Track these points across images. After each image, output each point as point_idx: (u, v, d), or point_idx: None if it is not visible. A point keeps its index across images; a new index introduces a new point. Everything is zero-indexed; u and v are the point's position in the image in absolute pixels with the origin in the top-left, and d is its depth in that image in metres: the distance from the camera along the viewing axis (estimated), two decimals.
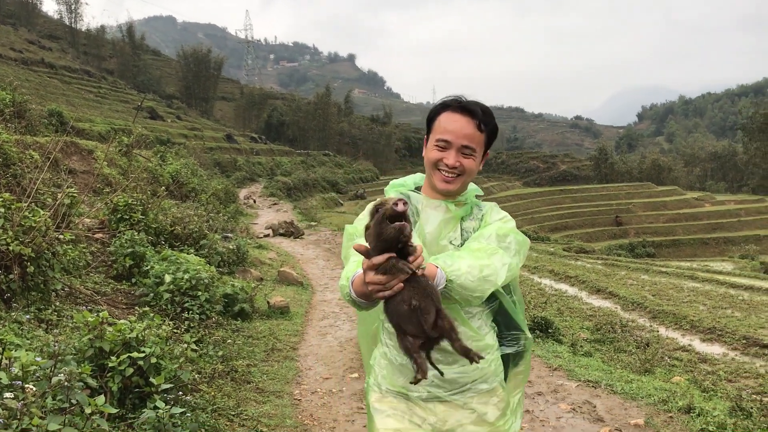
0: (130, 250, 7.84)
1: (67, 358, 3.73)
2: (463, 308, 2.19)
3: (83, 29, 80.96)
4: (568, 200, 63.34)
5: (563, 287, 17.33)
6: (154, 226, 9.45)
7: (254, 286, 9.33)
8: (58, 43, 70.34)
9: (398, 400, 2.28)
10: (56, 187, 9.17)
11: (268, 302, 9.28)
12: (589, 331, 11.22)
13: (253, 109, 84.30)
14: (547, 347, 8.35)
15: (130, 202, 9.17)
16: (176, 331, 5.85)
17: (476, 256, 2.08)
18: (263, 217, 27.14)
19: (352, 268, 2.03)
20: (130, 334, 4.26)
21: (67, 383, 3.00)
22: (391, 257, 1.74)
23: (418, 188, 2.45)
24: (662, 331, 12.01)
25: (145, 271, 7.54)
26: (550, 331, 9.07)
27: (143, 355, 4.15)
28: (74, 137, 15.61)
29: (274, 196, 37.52)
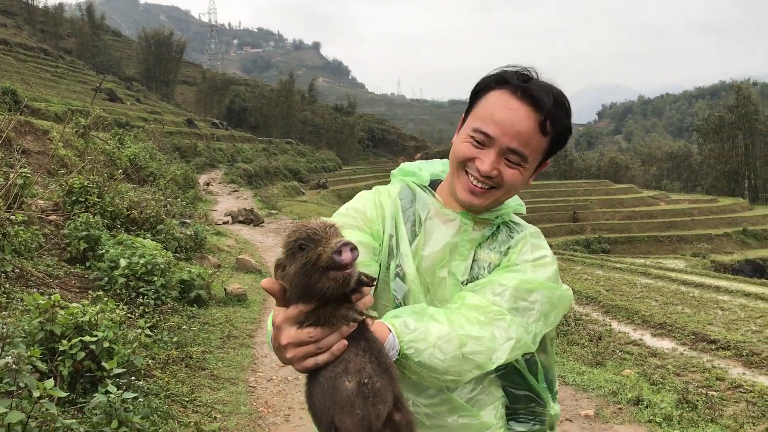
0: (84, 233, 7.69)
1: (15, 341, 3.65)
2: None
3: (40, 5, 78.82)
4: (527, 195, 63.99)
5: None
6: (110, 209, 9.28)
7: (211, 272, 9.25)
8: (13, 19, 68.18)
9: None
10: (8, 167, 8.93)
11: (225, 289, 9.20)
12: None
13: (215, 94, 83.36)
14: None
15: (85, 184, 8.98)
16: (130, 316, 5.78)
17: (464, 319, 1.45)
18: (223, 203, 26.83)
19: None
20: (82, 317, 4.18)
21: (15, 366, 2.94)
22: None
23: (433, 183, 1.76)
24: (615, 325, 12.27)
25: (99, 254, 7.41)
26: None
27: (95, 339, 4.08)
28: (29, 116, 15.21)
29: (234, 183, 37.07)
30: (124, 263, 6.99)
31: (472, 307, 1.48)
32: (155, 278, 7.08)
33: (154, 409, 4.19)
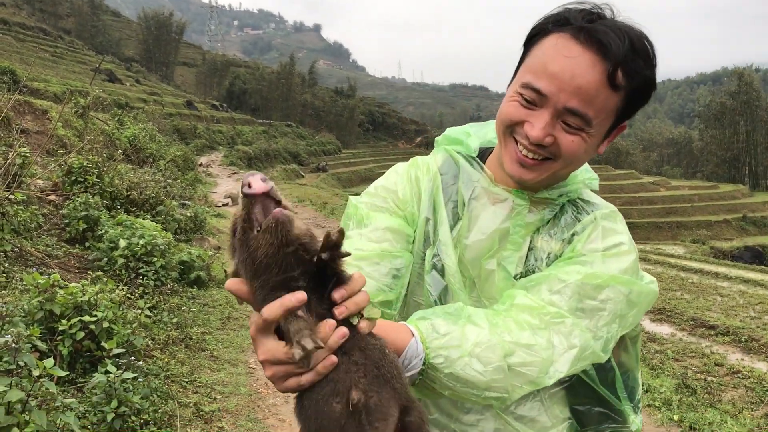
0: (84, 213, 7.66)
1: (15, 319, 3.64)
2: None
3: None
4: None
5: None
6: (109, 190, 9.25)
7: (211, 254, 9.24)
8: None
9: None
10: (8, 146, 8.88)
11: (225, 271, 9.18)
12: None
13: (215, 76, 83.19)
14: None
15: (85, 164, 8.94)
16: (130, 296, 5.76)
17: (511, 322, 1.17)
18: (222, 186, 26.81)
19: None
20: (81, 297, 4.17)
21: (14, 345, 2.92)
22: (297, 303, 0.86)
23: (483, 154, 1.42)
24: None
25: (99, 235, 7.39)
26: None
27: (95, 319, 4.08)
28: (28, 96, 15.13)
29: (234, 165, 37.02)
30: (123, 244, 6.97)
31: (523, 308, 1.19)
32: (155, 259, 7.07)
33: (153, 389, 4.19)
